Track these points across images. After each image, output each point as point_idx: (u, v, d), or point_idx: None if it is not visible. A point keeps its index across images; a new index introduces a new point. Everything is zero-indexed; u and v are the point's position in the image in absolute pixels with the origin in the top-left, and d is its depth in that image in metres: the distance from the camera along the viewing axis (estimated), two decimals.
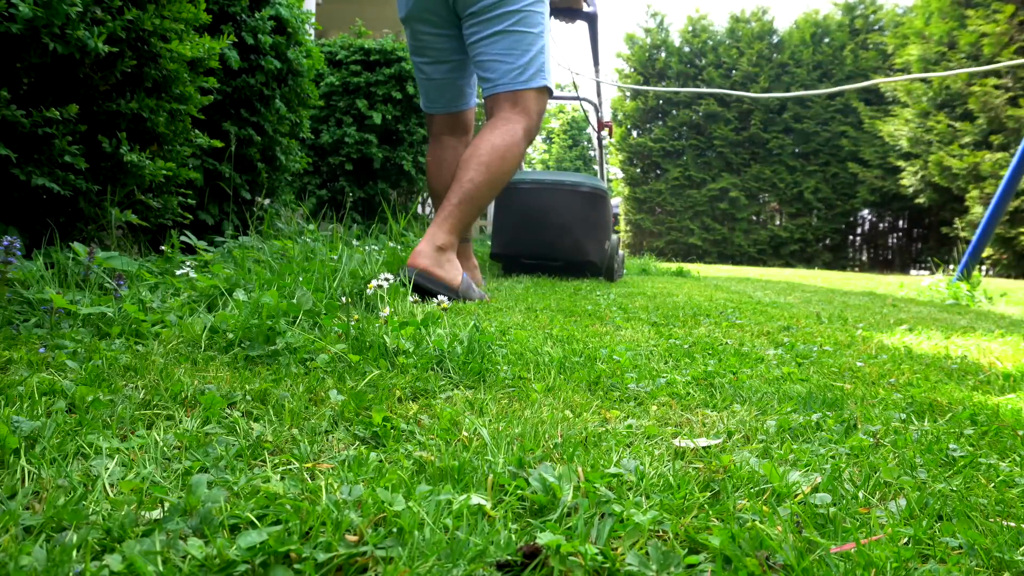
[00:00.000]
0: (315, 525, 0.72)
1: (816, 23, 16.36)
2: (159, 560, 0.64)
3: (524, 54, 3.12)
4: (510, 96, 3.13)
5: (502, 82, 3.13)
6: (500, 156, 2.99)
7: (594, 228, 4.77)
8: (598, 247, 4.79)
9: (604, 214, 4.88)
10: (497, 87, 3.15)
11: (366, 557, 0.68)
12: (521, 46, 3.12)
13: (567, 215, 4.65)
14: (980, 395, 1.59)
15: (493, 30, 3.11)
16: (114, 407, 1.11)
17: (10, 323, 1.73)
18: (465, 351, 1.60)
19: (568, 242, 4.66)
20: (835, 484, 0.94)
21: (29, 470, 0.85)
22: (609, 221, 5.02)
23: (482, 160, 2.97)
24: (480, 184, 2.95)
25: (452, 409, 1.22)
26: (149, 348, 1.58)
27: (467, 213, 2.97)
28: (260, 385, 1.29)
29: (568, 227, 4.64)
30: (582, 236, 4.67)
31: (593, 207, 4.76)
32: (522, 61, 3.11)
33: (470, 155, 3.01)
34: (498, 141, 3.01)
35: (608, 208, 5.01)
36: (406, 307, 2.26)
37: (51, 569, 0.62)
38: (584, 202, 4.71)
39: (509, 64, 3.11)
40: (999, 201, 5.37)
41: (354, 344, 1.63)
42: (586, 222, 4.70)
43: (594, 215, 4.77)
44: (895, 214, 15.96)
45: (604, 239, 4.87)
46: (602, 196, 4.85)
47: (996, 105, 11.08)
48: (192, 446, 0.97)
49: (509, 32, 3.10)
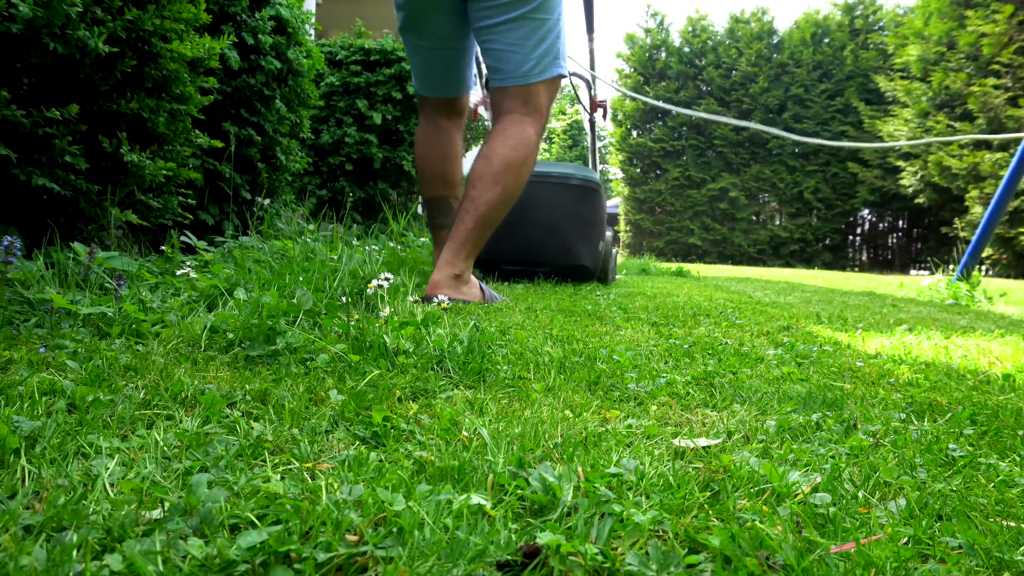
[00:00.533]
0: (315, 525, 0.72)
1: (816, 23, 16.36)
2: (159, 560, 0.64)
3: (540, 44, 2.83)
4: (522, 92, 2.86)
5: (515, 75, 2.85)
6: (515, 172, 2.80)
7: (586, 226, 4.15)
8: (591, 249, 4.22)
9: (597, 210, 4.29)
10: (508, 80, 2.87)
11: (366, 557, 0.68)
12: (537, 35, 2.82)
13: (555, 212, 4.04)
14: (980, 395, 1.59)
15: (507, 17, 2.80)
16: (114, 407, 1.11)
17: (10, 323, 1.73)
18: (465, 351, 1.60)
19: (556, 244, 4.06)
20: (835, 484, 0.94)
21: (29, 470, 0.85)
22: (602, 218, 4.41)
23: (497, 177, 2.77)
24: (495, 205, 2.78)
25: (452, 409, 1.22)
26: (149, 348, 1.58)
27: (482, 236, 2.81)
28: (260, 385, 1.29)
29: (556, 226, 4.04)
30: (572, 236, 4.09)
31: (585, 202, 4.15)
32: (538, 52, 2.83)
33: (483, 170, 2.80)
34: (511, 155, 2.79)
35: (601, 203, 4.40)
36: (407, 307, 2.26)
37: (51, 569, 0.62)
38: (574, 197, 4.10)
39: (523, 55, 2.82)
40: (999, 201, 5.38)
41: (354, 344, 1.63)
42: (577, 219, 4.10)
43: (586, 211, 4.15)
44: (895, 214, 15.96)
45: (598, 239, 4.30)
46: (595, 189, 4.23)
47: (996, 105, 11.08)
48: (192, 446, 0.97)
49: (526, 20, 2.80)
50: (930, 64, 12.95)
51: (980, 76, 11.69)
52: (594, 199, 4.23)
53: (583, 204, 4.14)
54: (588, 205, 4.18)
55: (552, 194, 4.05)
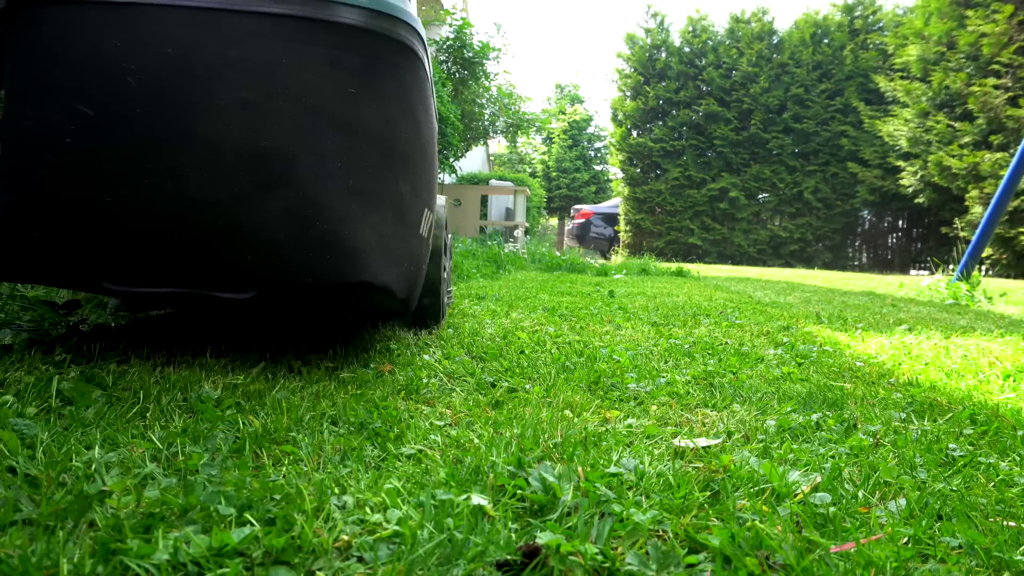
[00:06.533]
0: (316, 524, 0.72)
1: (816, 23, 16.36)
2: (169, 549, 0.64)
3: None
4: None
5: None
6: None
7: (374, 163, 1.60)
8: (394, 237, 1.64)
9: (409, 109, 1.69)
10: None
11: (367, 558, 0.68)
12: None
13: (274, 112, 1.49)
14: (980, 395, 1.59)
15: None
16: (115, 404, 1.11)
17: (10, 323, 1.73)
18: (466, 351, 1.60)
19: (280, 215, 1.49)
20: (835, 484, 0.94)
21: (31, 466, 0.85)
22: (431, 145, 1.83)
23: None
24: None
25: (452, 409, 1.22)
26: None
27: None
28: (255, 386, 1.29)
29: (279, 156, 1.49)
30: (334, 192, 1.53)
31: (366, 81, 1.58)
32: None
33: None
34: None
35: (428, 95, 1.80)
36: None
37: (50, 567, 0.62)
38: (329, 56, 1.53)
39: None
40: (999, 201, 5.37)
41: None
42: (338, 134, 1.55)
43: (369, 112, 1.59)
44: (895, 214, 15.97)
45: (417, 207, 1.74)
46: (400, 44, 1.62)
47: (996, 105, 11.09)
48: (195, 440, 0.97)
49: None
50: (930, 64, 12.96)
51: (980, 76, 11.69)
52: (402, 74, 1.66)
53: (368, 89, 1.59)
54: (382, 94, 1.62)
55: (263, 49, 1.49)
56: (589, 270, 7.36)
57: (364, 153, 1.57)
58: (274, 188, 1.46)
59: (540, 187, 15.59)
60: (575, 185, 24.96)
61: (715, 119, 16.56)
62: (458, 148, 8.08)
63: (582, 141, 25.90)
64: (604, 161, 25.80)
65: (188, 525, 0.70)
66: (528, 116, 11.30)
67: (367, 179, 1.57)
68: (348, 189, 1.53)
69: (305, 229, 1.48)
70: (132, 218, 1.44)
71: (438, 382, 1.44)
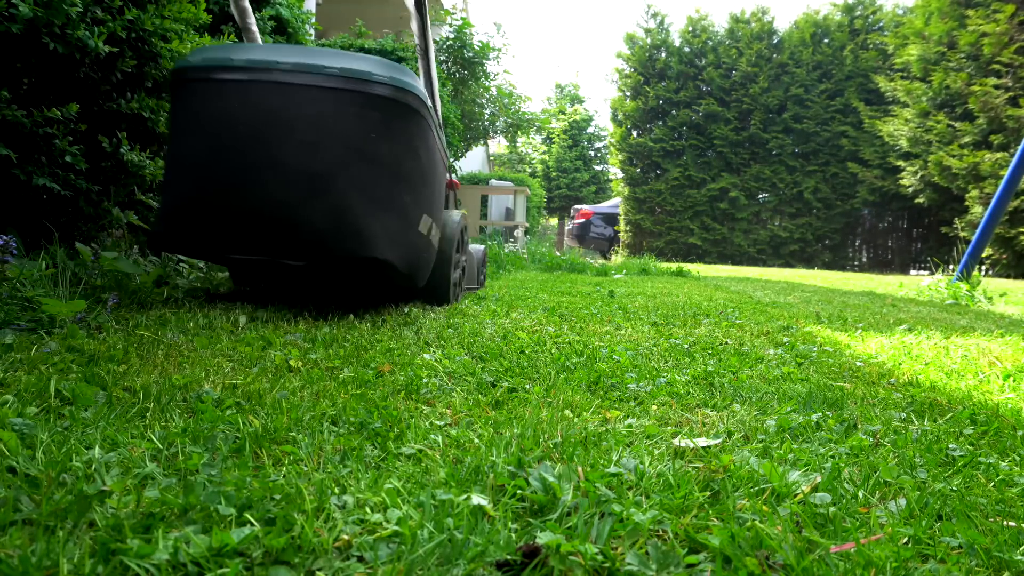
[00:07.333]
0: (316, 524, 0.72)
1: (816, 23, 16.37)
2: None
3: None
4: None
5: None
6: None
7: (388, 181, 2.31)
8: (398, 228, 2.36)
9: (416, 150, 2.41)
10: None
11: (367, 558, 0.68)
12: None
13: (323, 146, 2.21)
14: (980, 395, 1.59)
15: None
16: (116, 403, 1.11)
17: (9, 323, 1.73)
18: (466, 351, 1.60)
19: (322, 211, 2.21)
20: (835, 484, 0.94)
21: (30, 466, 0.85)
22: (432, 171, 2.57)
23: None
24: None
25: (452, 409, 1.22)
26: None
27: None
28: (255, 386, 1.29)
29: (323, 175, 2.19)
30: (357, 198, 2.24)
31: (388, 130, 2.29)
32: None
33: None
34: None
35: (427, 138, 2.50)
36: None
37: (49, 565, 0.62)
38: (366, 117, 2.24)
39: None
40: (999, 201, 5.37)
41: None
42: (368, 165, 2.25)
43: (387, 149, 2.29)
44: (895, 214, 15.97)
45: (416, 211, 2.45)
46: (410, 107, 2.34)
47: (996, 105, 11.09)
48: (195, 440, 0.97)
49: None
50: (930, 64, 12.95)
51: (981, 76, 11.69)
52: (409, 126, 2.34)
53: (384, 134, 2.26)
54: (394, 138, 2.29)
55: (318, 108, 2.19)
56: (589, 270, 7.36)
57: (380, 175, 2.29)
58: (320, 195, 2.20)
59: (540, 187, 15.59)
60: (575, 185, 24.96)
61: (715, 119, 16.56)
62: (458, 148, 8.08)
63: (582, 141, 25.89)
64: (604, 161, 25.79)
65: (188, 525, 0.70)
66: (528, 116, 11.31)
67: (381, 192, 2.29)
68: (368, 198, 2.25)
69: (339, 222, 2.21)
70: (240, 211, 2.22)
71: (438, 382, 1.44)
